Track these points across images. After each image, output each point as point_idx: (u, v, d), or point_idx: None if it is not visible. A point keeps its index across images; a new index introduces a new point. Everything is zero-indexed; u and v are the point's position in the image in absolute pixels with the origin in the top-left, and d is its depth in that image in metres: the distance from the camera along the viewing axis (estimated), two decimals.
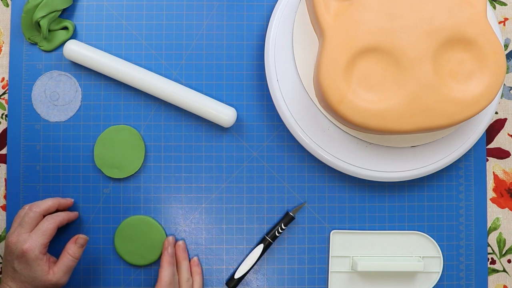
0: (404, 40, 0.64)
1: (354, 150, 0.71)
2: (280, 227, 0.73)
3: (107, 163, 0.73)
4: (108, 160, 0.73)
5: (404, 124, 0.64)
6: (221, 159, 0.74)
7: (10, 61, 0.74)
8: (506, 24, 0.77)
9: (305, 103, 0.71)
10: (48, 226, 0.66)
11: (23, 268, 0.65)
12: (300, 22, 0.71)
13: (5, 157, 0.74)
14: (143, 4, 0.75)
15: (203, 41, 0.75)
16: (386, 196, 0.75)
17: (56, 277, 0.66)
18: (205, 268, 0.74)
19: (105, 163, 0.73)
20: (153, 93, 0.72)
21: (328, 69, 0.64)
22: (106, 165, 0.73)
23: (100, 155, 0.73)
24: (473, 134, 0.72)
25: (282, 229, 0.73)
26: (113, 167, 0.73)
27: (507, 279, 0.76)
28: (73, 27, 0.74)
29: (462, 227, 0.75)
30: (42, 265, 0.65)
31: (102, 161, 0.73)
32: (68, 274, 0.67)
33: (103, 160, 0.73)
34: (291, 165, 0.75)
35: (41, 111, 0.74)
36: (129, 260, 0.73)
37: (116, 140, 0.73)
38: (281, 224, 0.73)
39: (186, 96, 0.72)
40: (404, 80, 0.64)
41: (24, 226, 0.66)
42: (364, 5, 0.64)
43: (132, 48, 0.75)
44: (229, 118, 0.71)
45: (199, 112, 0.72)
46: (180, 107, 0.73)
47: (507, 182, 0.76)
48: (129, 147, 0.73)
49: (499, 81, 0.65)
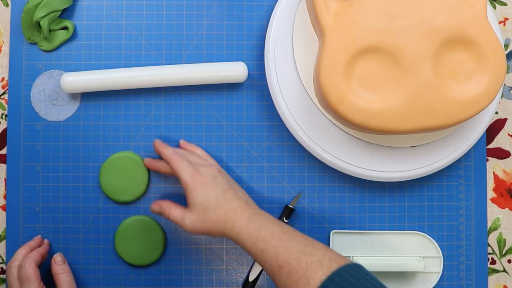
0: (404, 40, 0.64)
1: (354, 150, 0.71)
2: (282, 221, 0.73)
3: (113, 189, 0.73)
4: (114, 186, 0.73)
5: (404, 124, 0.64)
6: (221, 159, 0.74)
7: (10, 61, 0.74)
8: (506, 24, 0.77)
9: (305, 103, 0.71)
10: (28, 272, 0.67)
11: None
12: (300, 22, 0.71)
13: (5, 157, 0.74)
14: (143, 4, 0.75)
15: (203, 41, 0.75)
16: (386, 196, 0.75)
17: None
18: (205, 268, 0.74)
19: (111, 188, 0.73)
20: (158, 83, 0.71)
21: (328, 69, 0.64)
22: (112, 191, 0.73)
23: (106, 182, 0.73)
24: (473, 134, 0.72)
25: (285, 222, 0.73)
26: (119, 193, 0.73)
27: (507, 279, 0.76)
28: (73, 27, 0.74)
29: (462, 227, 0.75)
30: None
31: (108, 186, 0.73)
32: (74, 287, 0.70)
33: (109, 185, 0.73)
34: (291, 165, 0.75)
35: (39, 109, 0.74)
36: (129, 260, 0.73)
37: (119, 167, 0.73)
38: (283, 218, 0.73)
39: (191, 71, 0.72)
40: (404, 80, 0.64)
41: (13, 286, 0.67)
42: (364, 5, 0.64)
43: (132, 48, 0.75)
44: (241, 72, 0.72)
45: (210, 81, 0.72)
46: (189, 84, 0.72)
47: (507, 182, 0.76)
48: (132, 174, 0.73)
49: (499, 81, 0.65)
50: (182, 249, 0.74)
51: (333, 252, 0.60)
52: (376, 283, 0.56)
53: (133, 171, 0.73)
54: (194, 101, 0.75)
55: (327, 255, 0.59)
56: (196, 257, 0.74)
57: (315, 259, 0.58)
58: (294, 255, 0.60)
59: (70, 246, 0.74)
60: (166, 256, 0.74)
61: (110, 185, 0.73)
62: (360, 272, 0.57)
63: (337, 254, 0.60)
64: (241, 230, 0.63)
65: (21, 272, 0.67)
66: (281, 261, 0.60)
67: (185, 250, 0.74)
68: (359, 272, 0.57)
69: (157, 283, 0.74)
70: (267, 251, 0.61)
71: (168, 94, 0.75)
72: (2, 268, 0.74)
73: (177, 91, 0.75)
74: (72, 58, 0.74)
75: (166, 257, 0.74)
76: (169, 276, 0.74)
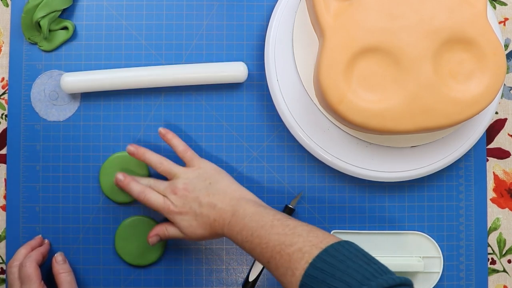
0: (404, 40, 0.64)
1: (354, 150, 0.71)
2: None
3: (113, 189, 0.73)
4: (114, 186, 0.73)
5: (404, 124, 0.64)
6: (221, 159, 0.74)
7: (10, 61, 0.74)
8: (506, 24, 0.77)
9: (305, 103, 0.71)
10: (29, 271, 0.67)
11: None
12: (300, 22, 0.71)
13: (5, 157, 0.74)
14: (143, 4, 0.75)
15: (203, 41, 0.75)
16: (386, 196, 0.75)
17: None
18: (205, 268, 0.74)
19: (111, 188, 0.73)
20: (158, 83, 0.71)
21: (328, 69, 0.64)
22: (112, 191, 0.73)
23: (106, 182, 0.73)
24: (473, 134, 0.72)
25: None
26: (119, 193, 0.73)
27: (507, 279, 0.76)
28: (73, 27, 0.74)
29: (462, 227, 0.75)
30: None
31: (108, 186, 0.73)
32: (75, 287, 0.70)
33: (109, 185, 0.73)
34: (291, 165, 0.75)
35: (39, 109, 0.74)
36: (129, 260, 0.73)
37: (119, 167, 0.73)
38: None
39: (191, 71, 0.72)
40: (404, 80, 0.64)
41: (14, 285, 0.67)
42: (364, 5, 0.64)
43: (132, 48, 0.75)
44: (241, 72, 0.72)
45: (210, 81, 0.72)
46: (189, 84, 0.72)
47: (507, 182, 0.76)
48: (132, 173, 0.73)
49: (499, 81, 0.65)
50: (182, 249, 0.74)
51: (315, 233, 0.59)
52: (361, 260, 0.55)
53: (133, 171, 0.73)
54: (194, 101, 0.75)
55: (308, 240, 0.58)
56: (196, 257, 0.74)
57: (296, 248, 0.58)
58: (276, 248, 0.59)
59: (70, 246, 0.74)
60: (166, 256, 0.74)
61: (110, 185, 0.73)
62: (343, 251, 0.56)
63: (320, 235, 0.59)
64: (228, 235, 0.65)
65: (22, 272, 0.67)
66: (267, 257, 0.60)
67: (185, 250, 0.74)
68: (343, 251, 0.56)
69: (157, 283, 0.74)
70: (254, 250, 0.62)
71: (168, 94, 0.75)
72: (2, 268, 0.74)
73: (177, 91, 0.75)
74: (72, 58, 0.74)
75: (166, 257, 0.74)
76: (169, 276, 0.74)
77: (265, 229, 0.61)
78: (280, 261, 0.59)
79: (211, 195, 0.66)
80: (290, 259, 0.58)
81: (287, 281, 0.57)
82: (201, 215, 0.66)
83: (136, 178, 0.69)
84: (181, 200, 0.67)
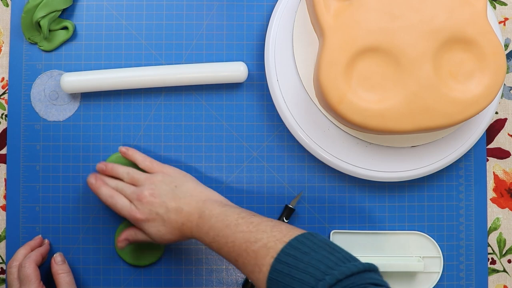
0: (404, 40, 0.64)
1: (354, 150, 0.71)
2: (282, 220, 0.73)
3: None
4: None
5: (404, 124, 0.64)
6: (221, 159, 0.74)
7: (10, 61, 0.74)
8: (506, 24, 0.77)
9: (305, 103, 0.71)
10: (28, 271, 0.67)
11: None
12: (300, 22, 0.71)
13: (5, 157, 0.74)
14: (143, 4, 0.75)
15: (203, 41, 0.75)
16: (386, 196, 0.75)
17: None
18: (205, 268, 0.74)
19: None
20: (158, 83, 0.72)
21: (328, 69, 0.64)
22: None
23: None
24: (473, 134, 0.72)
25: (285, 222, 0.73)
26: None
27: (507, 279, 0.76)
28: (73, 27, 0.74)
29: (462, 227, 0.75)
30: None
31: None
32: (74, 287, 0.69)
33: None
34: (291, 165, 0.75)
35: (39, 109, 0.74)
36: (129, 260, 0.73)
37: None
38: (283, 218, 0.73)
39: (191, 71, 0.72)
40: (404, 80, 0.64)
41: (13, 285, 0.67)
42: (364, 5, 0.64)
43: (132, 48, 0.75)
44: (241, 72, 0.72)
45: (210, 81, 0.72)
46: (189, 84, 0.72)
47: (507, 182, 0.76)
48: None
49: (499, 81, 0.65)
50: (182, 249, 0.74)
51: (279, 228, 0.60)
52: (324, 250, 0.55)
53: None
54: (194, 101, 0.75)
55: (272, 235, 0.58)
56: (196, 257, 0.74)
57: (261, 244, 0.58)
58: (242, 246, 0.60)
59: (70, 246, 0.74)
60: (166, 256, 0.74)
61: None
62: (307, 242, 0.56)
63: (284, 229, 0.59)
64: (197, 237, 0.65)
65: (21, 272, 0.67)
66: (234, 256, 0.61)
67: (185, 250, 0.74)
68: (307, 242, 0.56)
69: (157, 283, 0.74)
70: (221, 250, 0.62)
71: (168, 94, 0.75)
72: (2, 268, 0.74)
73: (177, 91, 0.75)
74: (72, 58, 0.74)
75: (166, 257, 0.74)
76: (169, 276, 0.74)
77: (230, 228, 0.62)
78: (247, 259, 0.59)
79: (177, 199, 0.66)
80: (256, 255, 0.58)
81: (256, 277, 0.58)
82: (169, 220, 0.66)
83: (106, 180, 0.69)
84: (147, 207, 0.66)
